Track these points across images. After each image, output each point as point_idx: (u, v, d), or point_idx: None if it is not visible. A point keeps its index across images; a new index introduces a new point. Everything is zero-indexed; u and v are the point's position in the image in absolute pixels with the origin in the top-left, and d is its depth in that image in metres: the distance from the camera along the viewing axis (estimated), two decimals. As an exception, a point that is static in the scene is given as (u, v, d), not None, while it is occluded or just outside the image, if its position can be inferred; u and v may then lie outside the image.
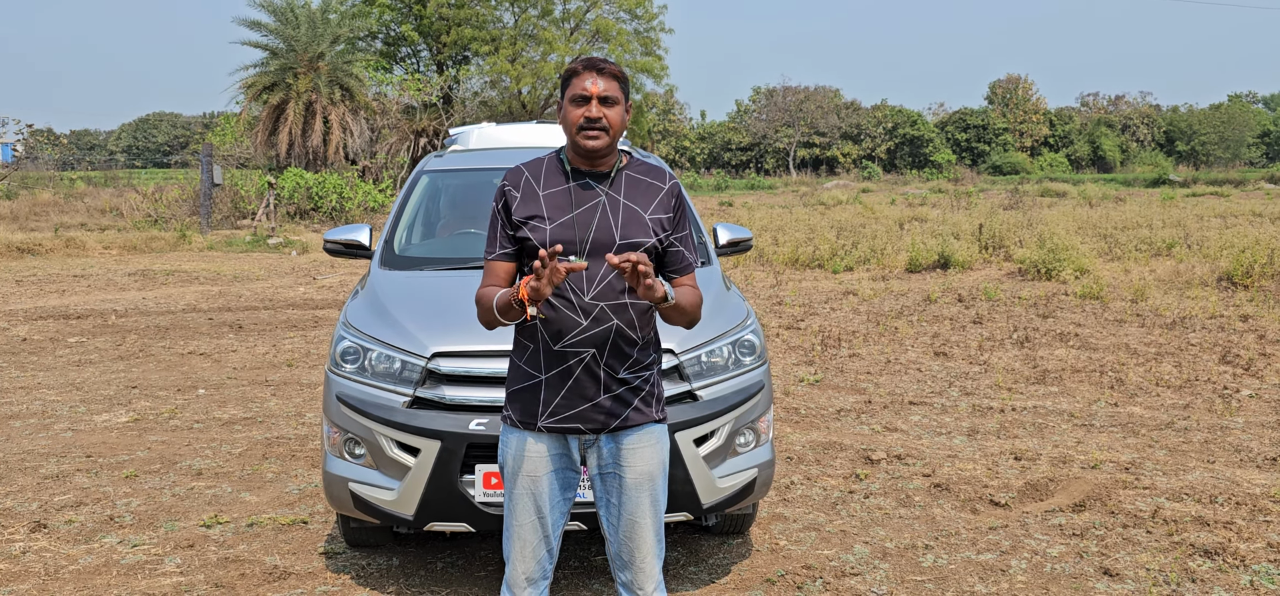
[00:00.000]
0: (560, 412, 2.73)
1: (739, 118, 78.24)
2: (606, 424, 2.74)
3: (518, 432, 2.77)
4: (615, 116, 2.68)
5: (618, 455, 2.77)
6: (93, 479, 5.60)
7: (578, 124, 2.67)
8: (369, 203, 27.36)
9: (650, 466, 2.79)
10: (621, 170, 2.78)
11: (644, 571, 2.83)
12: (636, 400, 2.76)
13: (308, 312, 11.79)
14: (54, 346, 9.68)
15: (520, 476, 2.77)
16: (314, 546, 4.64)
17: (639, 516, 2.79)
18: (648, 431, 2.79)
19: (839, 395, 7.46)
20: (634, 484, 2.77)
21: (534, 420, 2.74)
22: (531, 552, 2.81)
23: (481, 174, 5.56)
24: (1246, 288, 12.23)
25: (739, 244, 5.25)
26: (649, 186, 2.79)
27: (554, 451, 2.77)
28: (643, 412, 2.77)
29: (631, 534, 2.80)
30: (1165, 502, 5.04)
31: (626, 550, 2.82)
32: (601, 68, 2.69)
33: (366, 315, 4.21)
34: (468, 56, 39.77)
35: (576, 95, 2.67)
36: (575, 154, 2.74)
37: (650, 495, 2.79)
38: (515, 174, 2.79)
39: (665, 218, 2.77)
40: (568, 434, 2.76)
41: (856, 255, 15.94)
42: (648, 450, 2.78)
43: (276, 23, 31.55)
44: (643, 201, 2.76)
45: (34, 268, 16.66)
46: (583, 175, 2.75)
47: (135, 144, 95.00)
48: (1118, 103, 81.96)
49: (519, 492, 2.78)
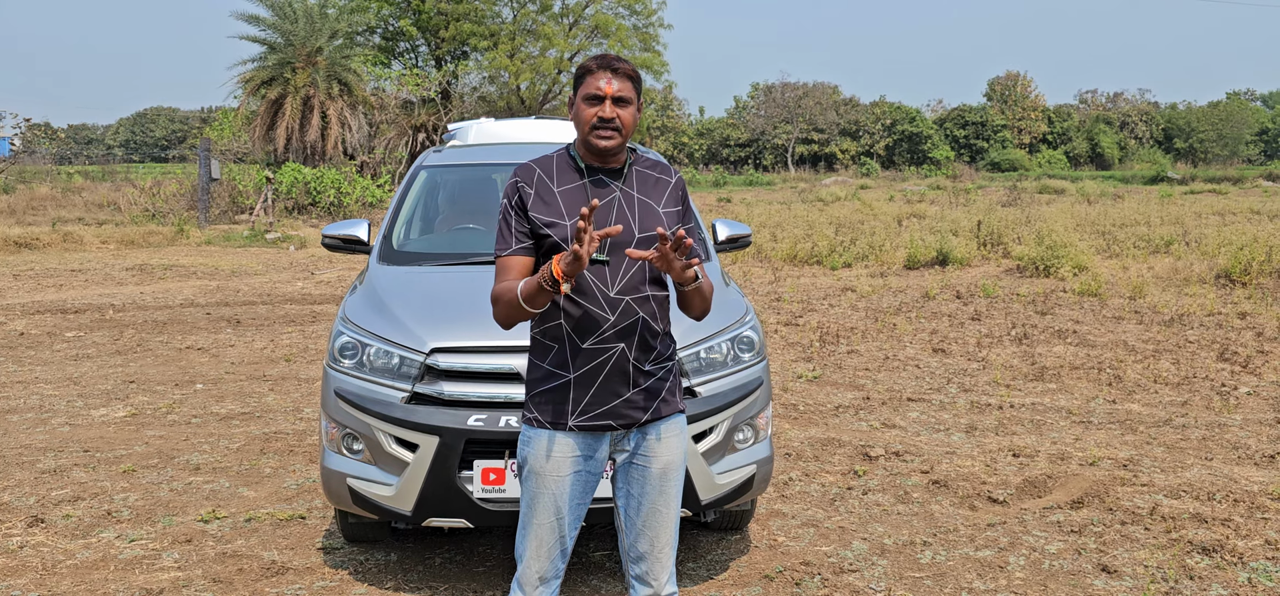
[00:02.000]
0: (591, 411, 2.71)
1: (737, 114, 78.20)
2: (638, 418, 2.74)
3: (545, 432, 2.74)
4: (628, 116, 2.69)
5: (644, 446, 2.77)
6: (90, 473, 5.60)
7: (591, 123, 2.67)
8: (367, 198, 27.34)
9: (675, 456, 2.80)
10: (631, 166, 2.80)
11: (660, 561, 2.83)
12: (664, 390, 2.78)
13: (306, 308, 11.78)
14: (51, 341, 9.67)
15: (544, 476, 2.74)
16: (312, 541, 4.64)
17: (661, 506, 2.80)
18: (675, 421, 2.81)
19: (837, 391, 7.46)
20: (659, 474, 2.78)
21: (564, 420, 2.72)
22: (547, 552, 2.80)
23: (480, 169, 5.55)
24: (1244, 285, 12.24)
25: (738, 240, 5.25)
26: (658, 181, 2.81)
27: (581, 451, 2.74)
28: (670, 403, 2.80)
29: (651, 523, 2.80)
30: (1163, 499, 5.05)
31: (645, 540, 2.82)
32: (616, 67, 2.69)
33: (365, 310, 4.20)
34: (466, 51, 39.75)
35: (590, 94, 2.67)
36: (587, 151, 2.74)
37: (674, 485, 2.81)
38: (526, 170, 2.76)
39: (675, 210, 2.80)
40: (599, 431, 2.74)
41: (855, 252, 15.94)
42: (674, 440, 2.80)
43: (275, 17, 31.49)
44: (655, 195, 2.78)
45: (31, 262, 16.64)
46: (596, 171, 2.76)
47: (133, 138, 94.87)
48: (1116, 100, 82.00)
49: (540, 492, 2.75)
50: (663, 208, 2.77)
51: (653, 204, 2.76)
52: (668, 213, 2.77)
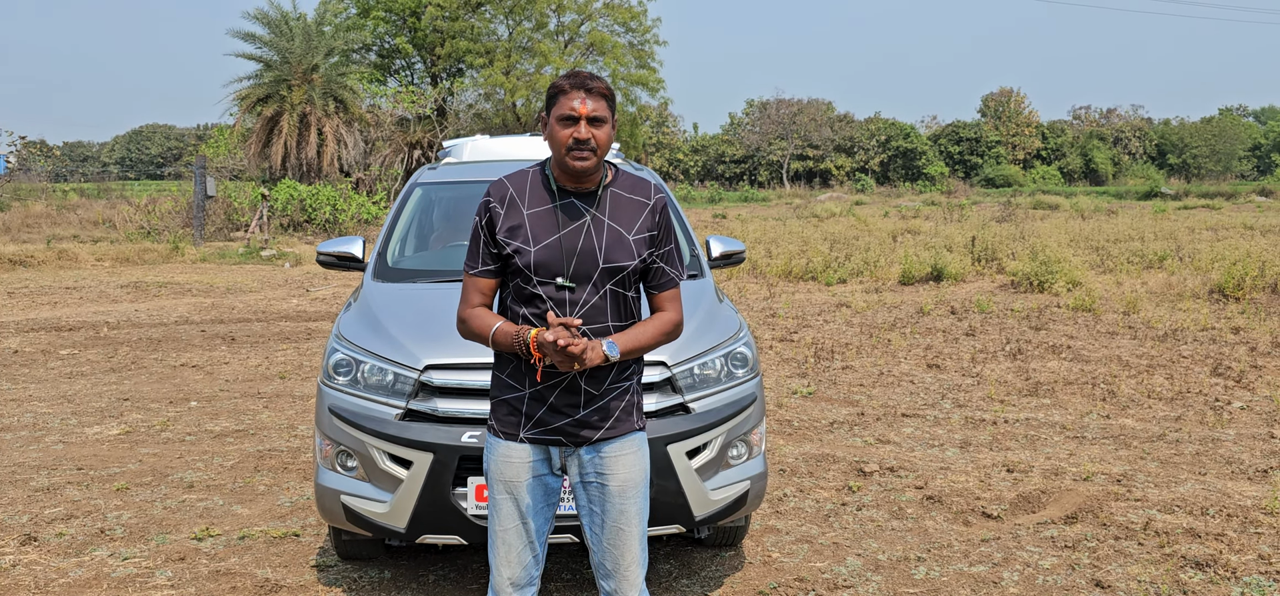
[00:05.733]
0: (542, 425, 2.75)
1: (732, 130, 78.41)
2: (588, 437, 2.76)
3: (500, 441, 2.80)
4: (603, 136, 2.67)
5: (599, 464, 2.78)
6: (84, 491, 5.58)
7: (566, 144, 2.65)
8: (362, 215, 27.35)
9: (633, 474, 2.80)
10: (607, 187, 2.77)
11: (628, 579, 2.84)
12: (618, 411, 2.78)
13: (301, 325, 11.77)
14: (46, 358, 9.65)
15: (502, 482, 2.79)
16: (306, 559, 4.63)
17: (623, 524, 2.80)
18: (629, 440, 2.81)
19: (832, 407, 7.47)
20: (618, 491, 2.78)
21: (516, 431, 2.77)
22: (516, 557, 2.82)
23: (475, 186, 5.55)
24: (1238, 300, 12.29)
25: (732, 256, 5.26)
26: (634, 204, 2.78)
27: (535, 458, 2.79)
28: (623, 422, 2.79)
29: (615, 541, 2.81)
30: (1157, 514, 5.06)
31: (610, 558, 2.83)
32: (589, 86, 2.66)
33: (359, 327, 4.20)
34: (462, 69, 39.82)
35: (564, 114, 2.65)
36: (562, 172, 2.73)
37: (635, 503, 2.80)
38: (499, 188, 2.77)
39: (649, 236, 2.77)
40: (549, 445, 2.78)
41: (850, 267, 15.98)
42: (630, 458, 2.80)
43: (271, 35, 31.57)
44: (627, 222, 2.75)
45: (26, 279, 16.61)
46: (568, 195, 2.74)
47: (129, 156, 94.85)
48: (1109, 116, 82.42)
49: (501, 497, 2.80)
50: (634, 235, 2.74)
51: (623, 232, 2.73)
52: (638, 240, 2.75)
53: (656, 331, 2.78)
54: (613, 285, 2.72)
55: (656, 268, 2.81)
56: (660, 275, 2.82)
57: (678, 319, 2.83)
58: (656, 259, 2.80)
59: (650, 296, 2.85)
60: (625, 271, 2.72)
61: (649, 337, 2.76)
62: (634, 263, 2.73)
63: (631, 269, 2.73)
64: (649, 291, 2.84)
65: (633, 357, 2.76)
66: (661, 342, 2.80)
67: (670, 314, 2.82)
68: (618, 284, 2.73)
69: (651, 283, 2.82)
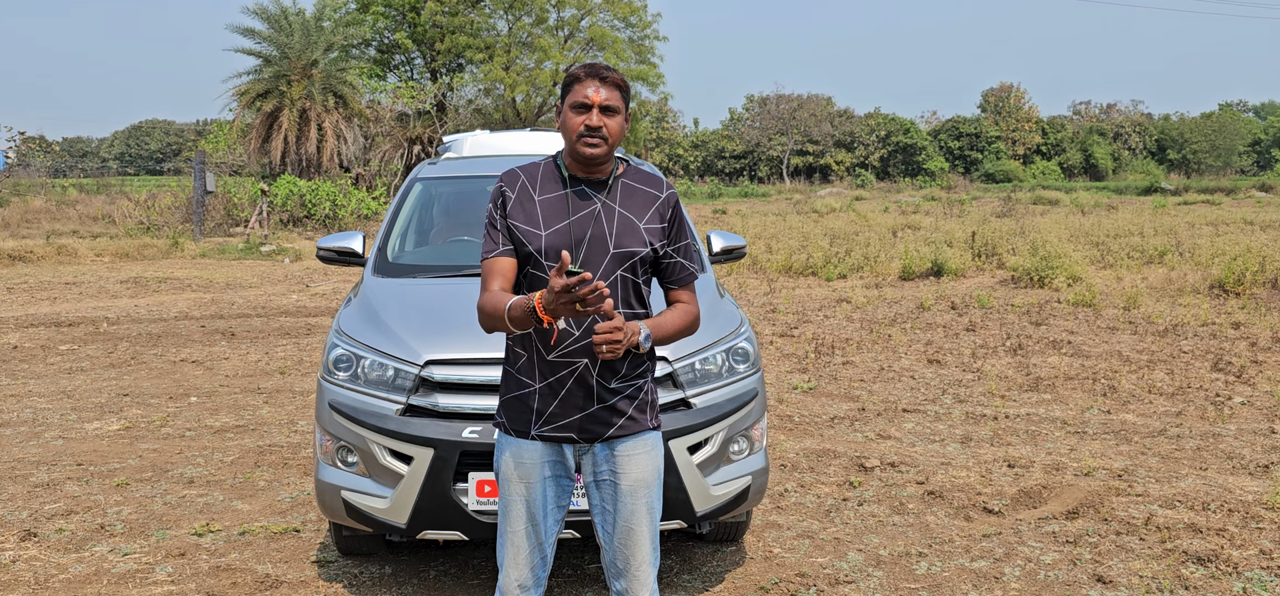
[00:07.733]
0: (553, 421, 2.72)
1: (733, 125, 78.33)
2: (600, 433, 2.73)
3: (511, 439, 2.76)
4: (615, 126, 2.68)
5: (613, 463, 2.76)
6: (83, 487, 5.58)
7: (578, 131, 2.66)
8: (362, 210, 27.33)
9: (645, 474, 2.78)
10: (618, 178, 2.78)
11: (639, 579, 2.82)
12: (631, 408, 2.75)
13: (300, 320, 11.77)
14: (45, 354, 9.64)
15: (514, 482, 2.76)
16: (306, 555, 4.62)
17: (635, 523, 2.78)
18: (642, 439, 2.78)
19: (833, 402, 7.46)
20: (629, 491, 2.76)
21: (527, 429, 2.73)
22: (525, 559, 2.80)
23: (475, 182, 5.55)
24: (1238, 295, 12.28)
25: (732, 251, 5.26)
26: (645, 195, 2.78)
27: (548, 458, 2.76)
28: (637, 421, 2.76)
29: (627, 541, 2.79)
30: (1158, 510, 5.05)
31: (622, 558, 2.81)
32: (604, 75, 2.68)
33: (359, 322, 4.20)
34: (462, 64, 39.80)
35: (577, 102, 2.66)
36: (573, 160, 2.73)
37: (646, 502, 2.78)
38: (511, 176, 2.78)
39: (660, 228, 2.76)
40: (561, 442, 2.75)
41: (850, 263, 15.97)
42: (643, 457, 2.77)
43: (270, 30, 31.54)
44: (638, 211, 2.75)
45: (26, 275, 16.60)
46: (579, 182, 2.74)
47: (128, 151, 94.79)
48: (1109, 111, 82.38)
49: (512, 498, 2.77)
50: (645, 224, 2.74)
51: (634, 219, 2.73)
52: (650, 229, 2.74)
53: (682, 321, 2.77)
54: (623, 270, 2.71)
55: (674, 262, 2.80)
56: (680, 270, 2.81)
57: (698, 312, 2.84)
58: (674, 254, 2.79)
59: (668, 292, 2.84)
60: (636, 258, 2.71)
61: (676, 326, 2.75)
62: (645, 250, 2.72)
63: (642, 256, 2.72)
64: (666, 287, 2.83)
65: (671, 341, 2.74)
66: (685, 334, 2.79)
67: (692, 307, 2.82)
68: (628, 270, 2.72)
69: (670, 278, 2.81)
